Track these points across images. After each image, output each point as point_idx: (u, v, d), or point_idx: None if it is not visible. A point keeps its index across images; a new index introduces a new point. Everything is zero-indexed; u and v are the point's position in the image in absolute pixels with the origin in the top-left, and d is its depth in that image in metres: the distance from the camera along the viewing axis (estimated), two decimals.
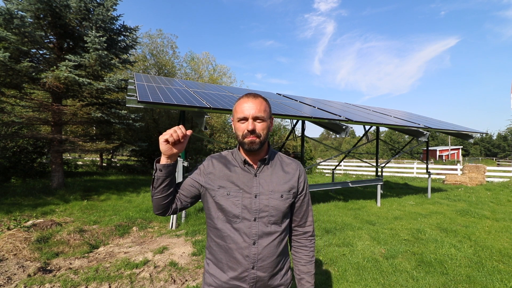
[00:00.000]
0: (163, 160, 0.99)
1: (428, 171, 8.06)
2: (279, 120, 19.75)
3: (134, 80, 5.56)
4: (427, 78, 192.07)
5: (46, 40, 7.18)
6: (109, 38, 7.72)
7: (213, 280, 1.04)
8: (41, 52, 7.26)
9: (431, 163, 20.35)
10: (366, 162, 8.73)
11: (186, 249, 3.59)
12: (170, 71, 15.86)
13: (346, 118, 5.52)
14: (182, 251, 3.53)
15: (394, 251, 3.58)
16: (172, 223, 4.59)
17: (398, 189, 9.86)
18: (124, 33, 8.27)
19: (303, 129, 6.22)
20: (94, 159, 17.98)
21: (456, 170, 13.67)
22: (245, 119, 0.99)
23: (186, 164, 4.57)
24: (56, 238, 3.85)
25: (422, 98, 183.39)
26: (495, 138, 54.09)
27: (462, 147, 45.59)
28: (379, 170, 9.50)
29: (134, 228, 4.57)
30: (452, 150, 39.43)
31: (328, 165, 19.38)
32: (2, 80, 6.42)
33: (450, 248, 3.72)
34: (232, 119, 1.07)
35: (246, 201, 1.01)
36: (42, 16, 6.80)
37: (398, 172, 15.60)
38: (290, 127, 19.35)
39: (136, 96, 3.91)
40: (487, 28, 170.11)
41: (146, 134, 12.79)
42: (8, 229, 4.00)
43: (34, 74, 6.45)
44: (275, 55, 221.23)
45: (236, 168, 1.06)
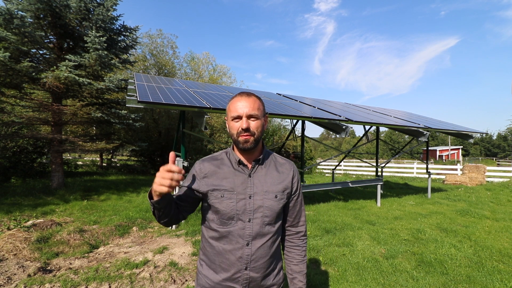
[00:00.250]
0: (157, 196, 0.90)
1: (428, 171, 8.06)
2: (279, 120, 19.75)
3: (134, 80, 5.56)
4: (427, 78, 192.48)
5: (46, 40, 7.17)
6: (109, 38, 7.72)
7: (205, 281, 1.04)
8: (41, 52, 7.26)
9: (431, 163, 20.34)
10: (366, 162, 8.73)
11: (186, 249, 3.59)
12: (170, 71, 15.85)
13: (346, 118, 5.52)
14: (182, 251, 3.53)
15: (394, 251, 3.58)
16: None
17: (398, 189, 9.85)
18: (124, 33, 8.27)
19: (303, 129, 6.22)
20: (94, 159, 17.97)
21: (456, 170, 13.67)
22: (239, 118, 0.99)
23: (186, 164, 4.57)
24: (56, 238, 3.85)
25: (422, 98, 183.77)
26: (495, 138, 54.09)
27: (462, 147, 45.59)
28: (379, 170, 9.50)
29: (134, 228, 4.57)
30: (452, 150, 39.43)
31: (328, 165, 19.37)
32: (2, 80, 6.42)
33: (450, 248, 3.72)
34: (226, 118, 1.07)
35: (241, 202, 1.01)
36: (42, 16, 6.80)
37: (398, 172, 15.60)
38: (290, 127, 19.35)
39: (136, 96, 3.91)
40: (487, 28, 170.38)
41: (146, 134, 12.79)
42: (8, 229, 4.00)
43: (34, 74, 6.45)
44: (275, 55, 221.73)
45: (229, 169, 1.05)
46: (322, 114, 5.64)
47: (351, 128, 5.50)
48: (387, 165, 16.31)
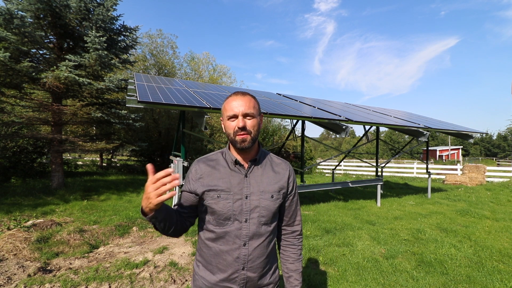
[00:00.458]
0: (151, 211, 0.86)
1: (428, 171, 8.06)
2: (279, 120, 19.75)
3: (134, 80, 5.56)
4: (427, 78, 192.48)
5: (46, 40, 7.17)
6: (109, 38, 7.72)
7: (202, 282, 1.04)
8: (41, 52, 7.26)
9: (431, 163, 20.34)
10: (366, 162, 8.73)
11: (186, 249, 3.59)
12: (170, 71, 15.85)
13: (346, 118, 5.52)
14: (182, 251, 3.53)
15: (394, 251, 3.58)
16: None
17: (398, 189, 9.85)
18: (124, 33, 8.27)
19: (303, 129, 6.22)
20: (94, 159, 17.98)
21: (456, 170, 13.67)
22: (235, 117, 0.99)
23: (186, 164, 4.57)
24: (56, 238, 3.85)
25: (422, 98, 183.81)
26: (495, 138, 54.09)
27: (462, 147, 45.58)
28: (379, 170, 9.50)
29: (134, 228, 4.57)
30: (452, 150, 39.43)
31: (328, 165, 19.37)
32: (2, 80, 6.42)
33: (450, 248, 3.72)
34: (221, 118, 1.07)
35: (237, 203, 1.01)
36: (42, 16, 6.80)
37: (398, 172, 15.60)
38: (290, 127, 19.36)
39: (136, 96, 3.91)
40: (487, 28, 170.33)
41: (146, 134, 12.79)
42: (8, 229, 4.00)
43: (34, 74, 6.45)
44: (275, 55, 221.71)
45: (225, 169, 1.05)
46: (322, 114, 5.64)
47: (351, 128, 5.50)
48: (387, 165, 16.31)
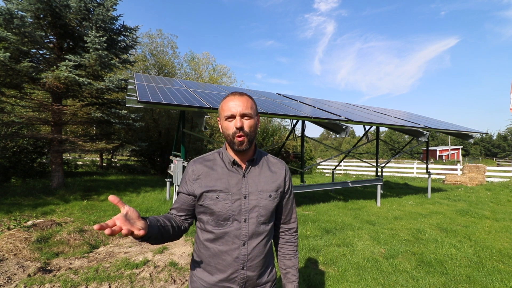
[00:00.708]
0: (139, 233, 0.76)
1: (428, 171, 8.06)
2: (279, 120, 19.74)
3: (134, 80, 5.56)
4: (427, 78, 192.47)
5: (46, 40, 7.17)
6: (109, 38, 7.72)
7: (201, 283, 1.04)
8: (41, 52, 7.26)
9: (431, 163, 20.34)
10: (366, 162, 8.73)
11: (186, 249, 3.59)
12: (170, 71, 15.85)
13: (346, 118, 5.52)
14: (182, 251, 3.53)
15: (394, 251, 3.58)
16: None
17: (398, 189, 9.85)
18: (124, 33, 8.27)
19: (303, 129, 6.22)
20: (94, 159, 17.97)
21: (456, 170, 13.67)
22: (232, 117, 0.99)
23: (186, 164, 4.57)
24: (56, 238, 3.85)
25: (422, 98, 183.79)
26: (495, 138, 54.09)
27: (462, 147, 45.58)
28: (379, 170, 9.50)
29: None
30: (452, 150, 39.43)
31: (328, 165, 19.37)
32: (2, 80, 6.42)
33: (450, 248, 3.72)
34: (218, 119, 1.07)
35: (236, 203, 1.01)
36: (42, 16, 6.79)
37: (398, 172, 15.60)
38: (290, 127, 19.35)
39: (136, 96, 3.91)
40: (487, 28, 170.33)
41: (146, 134, 12.79)
42: (8, 229, 4.00)
43: (34, 74, 6.45)
44: (275, 55, 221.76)
45: (223, 170, 1.05)
46: (322, 114, 5.64)
47: (351, 128, 5.50)
48: (387, 165, 16.31)
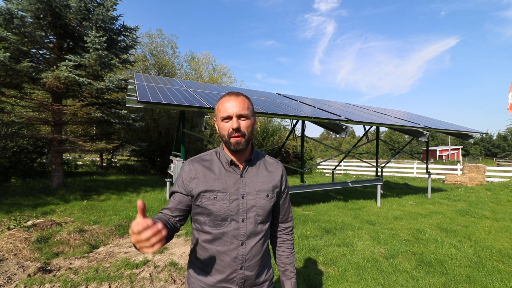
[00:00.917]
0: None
1: (428, 171, 8.06)
2: (279, 120, 19.74)
3: (134, 80, 5.56)
4: (427, 78, 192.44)
5: (46, 40, 7.17)
6: (109, 38, 7.72)
7: (199, 284, 1.03)
8: (41, 52, 7.26)
9: (431, 163, 20.34)
10: (366, 162, 8.73)
11: (186, 249, 3.59)
12: (170, 71, 15.85)
13: (346, 118, 5.52)
14: (182, 251, 3.53)
15: (394, 251, 3.58)
16: None
17: (398, 189, 9.85)
18: (124, 33, 8.27)
19: (303, 129, 6.22)
20: (94, 159, 17.97)
21: (456, 170, 13.67)
22: (229, 118, 0.99)
23: None
24: (56, 238, 3.85)
25: (422, 98, 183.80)
26: (495, 138, 54.10)
27: (462, 147, 45.58)
28: (379, 170, 9.50)
29: None
30: (452, 150, 39.43)
31: (328, 165, 19.37)
32: (2, 80, 6.41)
33: (450, 248, 3.72)
34: (215, 119, 1.07)
35: (234, 203, 1.01)
36: (42, 16, 6.79)
37: (398, 172, 15.60)
38: (290, 127, 19.35)
39: (136, 96, 3.91)
40: (487, 28, 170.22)
41: (146, 134, 12.79)
42: (8, 229, 4.00)
43: (34, 74, 6.45)
44: (275, 55, 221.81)
45: (221, 170, 1.04)
46: (322, 114, 5.64)
47: (351, 128, 5.50)
48: (387, 165, 16.31)
